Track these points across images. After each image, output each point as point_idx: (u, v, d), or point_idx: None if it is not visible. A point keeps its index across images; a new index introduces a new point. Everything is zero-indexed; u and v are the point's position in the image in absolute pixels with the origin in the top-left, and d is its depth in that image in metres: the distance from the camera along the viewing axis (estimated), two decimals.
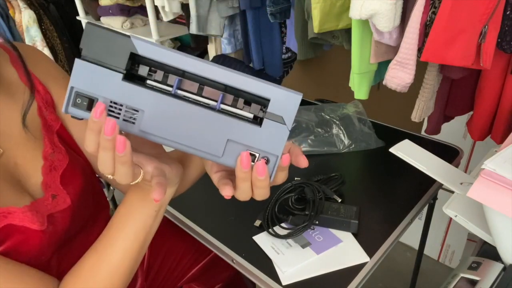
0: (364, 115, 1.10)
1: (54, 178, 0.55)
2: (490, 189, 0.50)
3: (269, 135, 0.37)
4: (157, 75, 0.36)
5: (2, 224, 0.46)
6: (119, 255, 0.48)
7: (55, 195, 0.54)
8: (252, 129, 0.37)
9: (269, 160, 0.38)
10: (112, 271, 0.48)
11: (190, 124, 0.36)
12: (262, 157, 0.37)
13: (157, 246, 0.87)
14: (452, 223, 1.51)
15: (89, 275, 0.48)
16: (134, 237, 0.48)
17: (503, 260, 0.59)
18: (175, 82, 0.36)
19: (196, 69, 0.35)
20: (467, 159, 1.43)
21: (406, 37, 0.80)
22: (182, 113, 0.36)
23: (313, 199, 0.79)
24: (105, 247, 0.48)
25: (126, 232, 0.47)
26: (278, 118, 0.36)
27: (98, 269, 0.48)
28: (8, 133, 0.52)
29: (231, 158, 0.37)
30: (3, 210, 0.47)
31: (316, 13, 0.94)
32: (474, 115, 0.94)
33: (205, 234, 0.78)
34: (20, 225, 0.48)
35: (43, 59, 0.61)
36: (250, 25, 1.23)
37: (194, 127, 0.36)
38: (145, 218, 0.48)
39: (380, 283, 1.54)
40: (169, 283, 0.87)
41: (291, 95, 0.36)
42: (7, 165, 0.51)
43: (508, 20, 0.73)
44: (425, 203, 0.86)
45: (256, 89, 0.36)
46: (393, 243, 0.75)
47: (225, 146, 0.37)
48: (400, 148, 0.78)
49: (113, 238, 0.48)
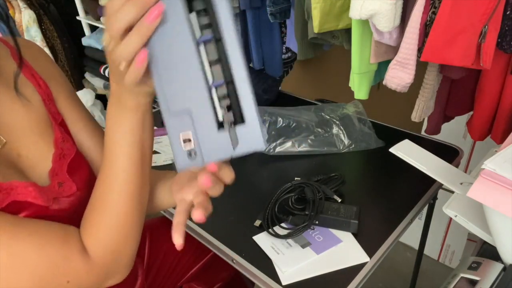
0: (364, 115, 1.10)
1: (62, 166, 0.54)
2: (490, 189, 0.50)
3: (217, 142, 0.37)
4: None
5: (6, 201, 0.46)
6: (122, 177, 0.47)
7: (62, 182, 0.53)
8: (211, 124, 0.37)
9: (195, 154, 0.38)
10: (121, 195, 0.47)
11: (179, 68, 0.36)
12: (191, 149, 0.38)
13: (157, 245, 0.87)
14: (452, 223, 1.51)
15: (100, 206, 0.48)
16: (129, 154, 0.46)
17: (503, 260, 0.59)
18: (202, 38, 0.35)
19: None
20: (467, 159, 1.43)
21: (406, 37, 0.80)
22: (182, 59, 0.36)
23: (313, 199, 0.79)
24: (106, 174, 0.48)
25: (120, 150, 0.46)
26: (234, 140, 0.36)
27: (106, 197, 0.48)
28: (11, 124, 0.52)
29: (175, 124, 0.38)
30: (5, 186, 0.46)
31: (316, 13, 0.94)
32: (474, 115, 0.94)
33: (205, 234, 0.78)
34: (23, 200, 0.47)
35: (43, 56, 0.61)
36: (250, 25, 1.23)
37: (180, 76, 0.36)
38: (131, 128, 0.45)
39: (380, 283, 1.54)
40: (169, 283, 0.87)
41: (259, 138, 0.36)
42: (9, 155, 0.51)
43: (508, 20, 0.73)
44: (425, 203, 0.86)
45: (245, 104, 0.36)
46: (393, 243, 0.75)
47: (182, 110, 0.37)
48: (400, 148, 0.78)
49: (110, 160, 0.47)
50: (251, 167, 1.01)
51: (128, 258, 0.51)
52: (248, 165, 1.02)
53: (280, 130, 1.04)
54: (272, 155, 1.03)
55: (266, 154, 1.03)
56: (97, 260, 0.47)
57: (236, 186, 0.94)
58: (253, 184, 0.95)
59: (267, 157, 1.03)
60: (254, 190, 0.93)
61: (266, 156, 1.03)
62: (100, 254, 0.48)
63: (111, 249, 0.48)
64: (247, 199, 0.89)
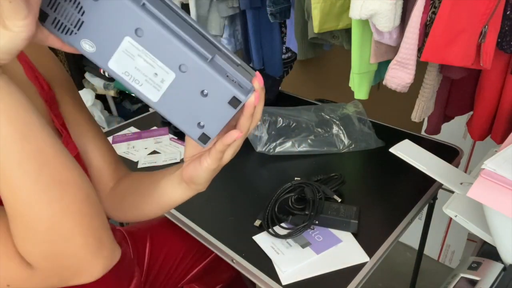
0: (364, 115, 1.10)
1: None
2: (490, 189, 0.50)
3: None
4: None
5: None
6: (8, 168, 0.34)
7: None
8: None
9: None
10: (20, 189, 0.35)
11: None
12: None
13: (158, 246, 0.87)
14: (452, 223, 1.51)
15: (11, 213, 0.37)
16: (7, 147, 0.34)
17: (503, 260, 0.59)
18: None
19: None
20: (467, 159, 1.43)
21: (406, 37, 0.80)
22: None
23: (313, 199, 0.79)
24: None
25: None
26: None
27: (9, 202, 0.36)
28: None
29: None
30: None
31: (316, 13, 0.94)
32: (474, 115, 0.94)
33: (205, 234, 0.78)
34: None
35: (48, 57, 0.60)
36: (250, 25, 1.23)
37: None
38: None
39: (380, 283, 1.54)
40: (170, 284, 0.87)
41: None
42: None
43: (508, 20, 0.73)
44: (425, 203, 0.86)
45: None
46: (393, 243, 0.75)
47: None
48: (400, 148, 0.78)
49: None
50: (251, 167, 1.02)
51: (85, 251, 0.39)
52: (248, 165, 1.02)
53: (280, 130, 1.05)
54: (272, 155, 1.03)
55: (266, 154, 1.03)
56: (38, 266, 0.38)
57: (236, 186, 0.94)
58: (253, 184, 0.95)
59: (267, 157, 1.03)
60: (254, 190, 0.93)
61: (266, 156, 1.03)
62: (37, 258, 0.38)
63: (46, 252, 0.38)
64: (247, 199, 0.89)
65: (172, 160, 1.05)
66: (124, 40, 0.35)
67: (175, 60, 0.36)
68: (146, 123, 1.27)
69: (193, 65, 0.36)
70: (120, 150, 1.11)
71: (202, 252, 0.90)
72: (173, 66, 0.36)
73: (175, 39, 0.35)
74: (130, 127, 1.25)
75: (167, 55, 0.35)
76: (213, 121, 0.39)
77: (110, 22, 0.34)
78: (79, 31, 0.35)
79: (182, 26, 0.36)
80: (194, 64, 0.36)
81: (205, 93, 0.37)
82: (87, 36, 0.35)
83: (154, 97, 0.38)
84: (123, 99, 2.32)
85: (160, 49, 0.35)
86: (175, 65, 0.36)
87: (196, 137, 0.40)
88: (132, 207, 0.60)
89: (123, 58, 0.36)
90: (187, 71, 0.36)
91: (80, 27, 0.35)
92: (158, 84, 0.37)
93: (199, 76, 0.36)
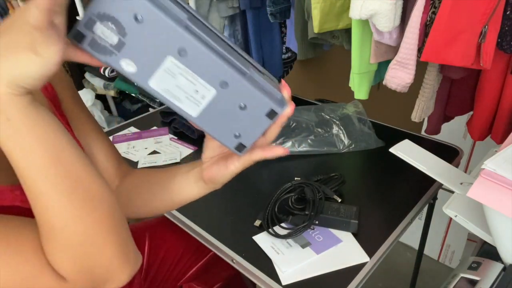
0: (364, 115, 1.10)
1: None
2: (490, 189, 0.50)
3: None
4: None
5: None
6: (43, 190, 0.36)
7: None
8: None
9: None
10: (54, 208, 0.36)
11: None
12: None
13: (157, 245, 0.87)
14: (452, 223, 1.51)
15: (45, 230, 0.37)
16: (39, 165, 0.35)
17: (503, 260, 0.59)
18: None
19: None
20: (467, 159, 1.43)
21: (406, 37, 0.80)
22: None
23: (313, 199, 0.79)
24: (28, 191, 0.37)
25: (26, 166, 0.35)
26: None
27: (44, 217, 0.37)
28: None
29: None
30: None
31: (316, 13, 0.94)
32: (474, 115, 0.94)
33: (205, 234, 0.78)
34: (10, 205, 0.43)
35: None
36: (250, 25, 1.24)
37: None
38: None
39: (380, 283, 1.54)
40: (169, 282, 0.87)
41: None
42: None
43: (508, 20, 0.73)
44: (425, 203, 0.86)
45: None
46: (393, 243, 0.75)
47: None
48: (400, 148, 0.78)
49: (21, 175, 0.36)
50: (251, 167, 1.01)
51: (115, 261, 0.40)
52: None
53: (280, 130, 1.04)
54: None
55: None
56: (70, 278, 0.39)
57: (236, 186, 0.94)
58: (253, 184, 0.95)
59: None
60: (254, 190, 0.93)
61: None
62: (70, 271, 0.39)
63: (80, 264, 0.39)
64: (247, 199, 0.89)
65: (172, 160, 1.05)
66: (166, 60, 0.35)
67: (217, 77, 0.37)
68: (146, 123, 1.27)
69: (233, 81, 0.37)
70: (120, 150, 1.11)
71: (201, 250, 0.90)
72: (214, 82, 0.37)
73: (217, 58, 0.35)
74: (130, 127, 1.25)
75: (208, 72, 0.36)
76: (250, 131, 0.41)
77: (153, 42, 0.34)
78: (119, 53, 0.35)
79: (218, 42, 0.37)
80: (234, 80, 0.37)
81: (244, 106, 0.39)
82: (128, 56, 0.35)
83: (193, 113, 0.39)
84: (123, 99, 2.31)
85: (202, 67, 0.36)
86: (216, 82, 0.37)
87: (233, 147, 0.42)
88: (142, 203, 0.61)
89: (164, 77, 0.36)
90: (228, 87, 0.37)
91: (120, 49, 0.34)
92: (198, 100, 0.38)
93: (239, 91, 0.38)
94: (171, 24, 0.33)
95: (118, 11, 0.33)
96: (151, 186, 0.60)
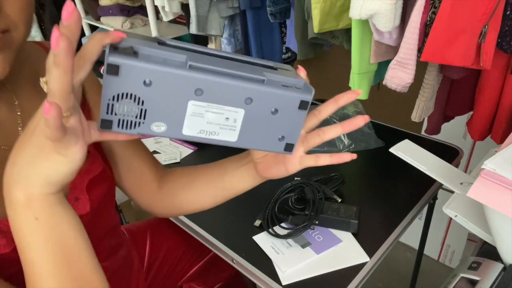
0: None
1: (83, 181, 0.53)
2: (490, 189, 0.50)
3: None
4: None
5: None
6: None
7: (78, 198, 0.52)
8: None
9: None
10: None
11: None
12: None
13: (158, 244, 0.87)
14: (452, 223, 1.51)
15: None
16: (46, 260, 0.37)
17: (503, 260, 0.59)
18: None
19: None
20: (467, 159, 1.43)
21: (406, 37, 0.80)
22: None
23: (313, 199, 0.79)
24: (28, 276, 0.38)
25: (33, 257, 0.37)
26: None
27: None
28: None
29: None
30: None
31: (316, 13, 0.94)
32: (474, 115, 0.94)
33: (205, 234, 0.78)
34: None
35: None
36: (250, 25, 1.23)
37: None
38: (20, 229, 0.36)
39: (380, 283, 1.54)
40: (169, 282, 0.87)
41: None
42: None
43: (508, 20, 0.73)
44: (425, 203, 0.86)
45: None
46: (393, 243, 0.75)
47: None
48: (400, 148, 0.78)
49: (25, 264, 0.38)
50: None
51: None
52: None
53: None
54: None
55: None
56: None
57: None
58: None
59: None
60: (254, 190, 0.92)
61: None
62: None
63: None
64: (247, 199, 0.89)
65: (172, 160, 1.05)
66: (188, 105, 0.36)
67: (239, 98, 0.37)
68: None
69: (255, 93, 0.37)
70: None
71: (201, 250, 0.90)
72: (239, 103, 0.37)
73: (230, 81, 0.36)
74: None
75: (230, 97, 0.37)
76: (291, 129, 0.41)
77: (170, 96, 0.35)
78: (145, 120, 0.36)
79: (223, 63, 0.37)
80: (256, 92, 0.37)
81: (275, 110, 0.39)
82: (154, 119, 0.36)
83: (232, 138, 0.40)
84: None
85: (223, 96, 0.36)
86: (241, 102, 0.37)
87: (281, 150, 0.43)
88: (188, 201, 0.61)
89: (193, 121, 0.37)
90: (253, 101, 0.38)
91: (145, 116, 0.35)
92: (232, 125, 0.39)
93: (264, 100, 0.38)
94: (177, 72, 0.34)
95: (127, 86, 0.33)
96: (197, 185, 0.60)
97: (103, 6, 1.86)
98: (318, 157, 0.48)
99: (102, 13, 1.90)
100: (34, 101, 0.51)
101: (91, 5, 1.93)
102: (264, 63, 0.42)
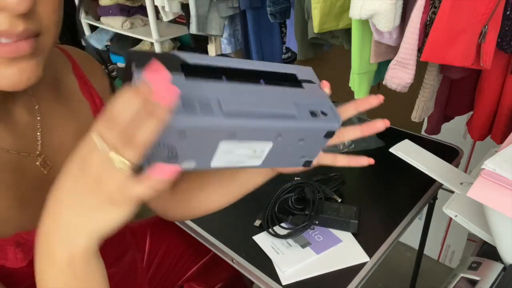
0: (364, 115, 1.10)
1: None
2: (490, 189, 0.50)
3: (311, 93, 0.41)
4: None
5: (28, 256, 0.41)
6: None
7: None
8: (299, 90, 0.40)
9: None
10: None
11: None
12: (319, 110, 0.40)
13: (158, 243, 0.87)
14: (452, 223, 1.51)
15: None
16: None
17: (503, 260, 0.59)
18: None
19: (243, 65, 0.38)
20: (467, 159, 1.43)
21: (406, 37, 0.80)
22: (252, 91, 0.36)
23: (313, 199, 0.79)
24: None
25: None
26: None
27: None
28: (59, 147, 0.49)
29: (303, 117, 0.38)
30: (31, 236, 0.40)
31: (316, 13, 0.94)
32: (474, 115, 0.94)
33: (205, 234, 0.78)
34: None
35: (100, 70, 0.59)
36: (250, 25, 1.23)
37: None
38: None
39: (380, 283, 1.54)
40: (169, 282, 0.87)
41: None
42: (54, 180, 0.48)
43: (508, 20, 0.73)
44: (425, 203, 0.86)
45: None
46: (393, 243, 0.75)
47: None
48: (400, 148, 0.78)
49: None
50: None
51: None
52: None
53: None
54: None
55: None
56: None
57: None
58: None
59: None
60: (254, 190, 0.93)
61: None
62: None
63: None
64: (247, 199, 0.89)
65: None
66: (220, 145, 0.35)
67: (270, 135, 0.37)
68: None
69: (286, 130, 0.37)
70: None
71: (201, 250, 0.90)
72: (268, 139, 0.37)
73: (264, 122, 0.35)
74: None
75: (261, 135, 0.36)
76: (312, 151, 0.42)
77: (203, 141, 0.34)
78: (177, 160, 0.34)
79: (253, 93, 0.36)
80: (286, 129, 0.37)
81: (302, 139, 0.39)
82: (185, 158, 0.35)
83: (257, 163, 0.40)
84: None
85: (254, 135, 0.36)
86: (271, 138, 0.37)
87: (300, 165, 0.44)
88: (202, 203, 0.61)
89: (222, 156, 0.37)
90: (282, 135, 0.37)
91: (176, 158, 0.34)
92: (259, 155, 0.39)
93: (294, 133, 0.38)
94: (212, 124, 0.32)
95: (164, 137, 0.31)
96: (211, 186, 0.60)
97: (103, 6, 1.86)
98: (336, 157, 0.48)
99: (102, 13, 1.90)
100: (53, 106, 0.50)
101: (91, 5, 1.93)
102: (288, 74, 0.41)
